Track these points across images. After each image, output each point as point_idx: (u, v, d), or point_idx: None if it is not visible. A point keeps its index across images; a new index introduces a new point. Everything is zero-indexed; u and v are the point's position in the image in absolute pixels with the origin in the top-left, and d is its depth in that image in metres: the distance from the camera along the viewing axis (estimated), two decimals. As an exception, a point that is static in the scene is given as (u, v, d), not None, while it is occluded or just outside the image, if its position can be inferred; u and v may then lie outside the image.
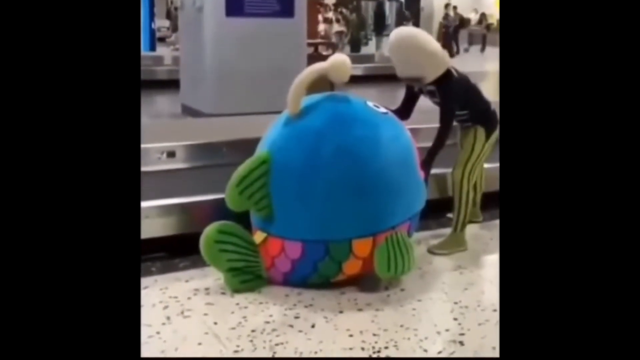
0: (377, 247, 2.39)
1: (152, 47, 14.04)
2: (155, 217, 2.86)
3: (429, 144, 2.70)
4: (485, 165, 3.12)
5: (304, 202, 2.36)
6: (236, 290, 2.42)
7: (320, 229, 2.37)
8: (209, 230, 2.41)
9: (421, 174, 2.58)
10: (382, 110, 2.55)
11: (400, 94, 2.91)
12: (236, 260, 2.41)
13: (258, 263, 2.44)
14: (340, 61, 2.44)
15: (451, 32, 18.25)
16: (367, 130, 2.42)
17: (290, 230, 2.39)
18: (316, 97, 2.52)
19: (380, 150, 2.40)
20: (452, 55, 17.91)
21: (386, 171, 2.39)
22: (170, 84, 8.08)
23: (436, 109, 2.76)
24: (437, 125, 2.71)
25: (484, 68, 17.47)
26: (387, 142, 2.43)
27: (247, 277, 2.44)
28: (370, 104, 2.55)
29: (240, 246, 2.42)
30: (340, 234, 2.37)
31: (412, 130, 2.68)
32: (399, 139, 2.50)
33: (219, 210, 2.55)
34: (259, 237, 2.46)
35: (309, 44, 7.40)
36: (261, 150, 2.48)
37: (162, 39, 16.93)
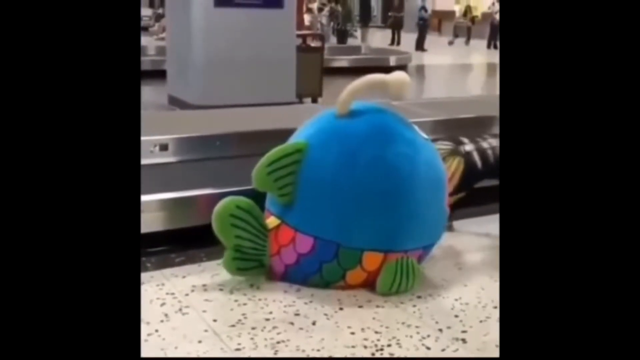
0: (386, 265, 2.37)
1: (136, 37, 13.89)
2: (149, 211, 2.81)
3: None
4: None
5: (329, 201, 2.34)
6: (232, 274, 2.43)
7: (336, 231, 2.34)
8: (227, 202, 2.39)
9: (447, 209, 2.58)
10: (425, 135, 2.54)
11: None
12: (244, 238, 2.39)
13: (264, 248, 2.42)
14: (402, 79, 2.42)
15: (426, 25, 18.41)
16: (408, 149, 2.40)
17: (305, 224, 2.37)
18: (366, 103, 2.52)
19: (416, 172, 2.38)
20: (422, 49, 18.01)
21: (417, 194, 2.38)
22: (155, 75, 8.02)
23: None
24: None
25: (469, 60, 17.57)
26: (424, 166, 2.42)
27: (246, 265, 2.42)
28: (415, 127, 2.55)
29: (252, 226, 2.40)
30: (355, 241, 2.34)
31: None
32: (435, 167, 2.49)
33: (214, 204, 2.52)
34: (272, 222, 2.44)
35: (298, 36, 7.34)
36: (297, 140, 2.46)
37: (144, 29, 16.78)
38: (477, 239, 2.95)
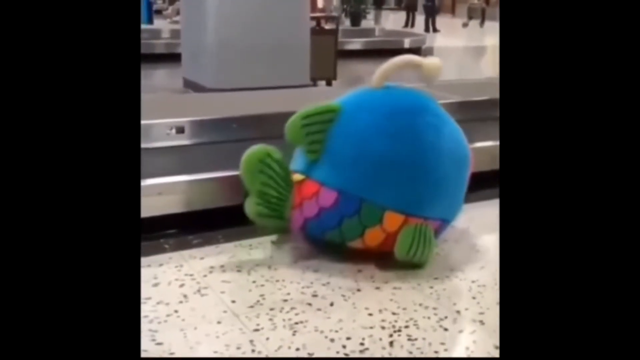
0: (405, 228, 2.39)
1: (150, 20, 13.95)
2: (167, 194, 2.83)
3: None
4: (484, 144, 3.40)
5: (356, 159, 2.39)
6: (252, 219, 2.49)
7: (360, 185, 2.38)
8: (258, 148, 2.46)
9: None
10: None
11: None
12: (269, 186, 2.44)
13: (287, 198, 2.47)
14: (436, 64, 2.54)
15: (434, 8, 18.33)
16: (438, 121, 2.51)
17: (331, 178, 2.41)
18: (399, 85, 2.64)
19: (441, 142, 2.45)
20: (434, 30, 17.86)
21: (441, 163, 2.44)
22: (169, 58, 8.03)
23: None
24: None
25: (483, 42, 17.44)
26: (449, 139, 2.50)
27: (267, 212, 2.47)
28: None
29: (279, 175, 2.46)
30: (378, 198, 2.38)
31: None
32: (460, 144, 2.57)
33: (231, 187, 2.53)
34: (297, 177, 2.50)
35: (311, 18, 7.31)
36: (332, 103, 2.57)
37: (158, 12, 16.78)
38: (492, 221, 2.93)
